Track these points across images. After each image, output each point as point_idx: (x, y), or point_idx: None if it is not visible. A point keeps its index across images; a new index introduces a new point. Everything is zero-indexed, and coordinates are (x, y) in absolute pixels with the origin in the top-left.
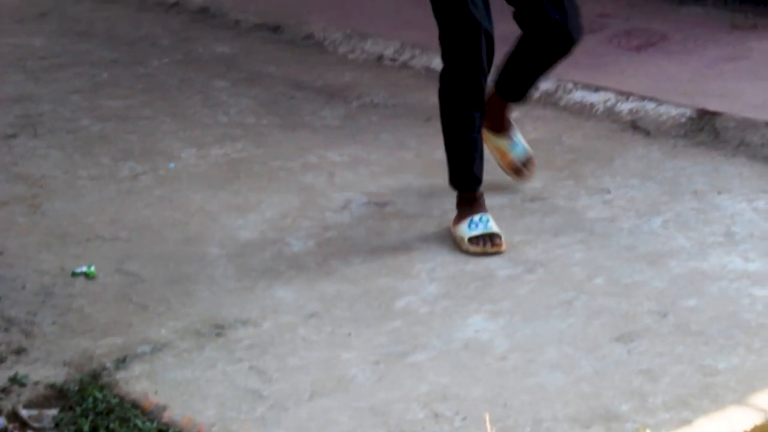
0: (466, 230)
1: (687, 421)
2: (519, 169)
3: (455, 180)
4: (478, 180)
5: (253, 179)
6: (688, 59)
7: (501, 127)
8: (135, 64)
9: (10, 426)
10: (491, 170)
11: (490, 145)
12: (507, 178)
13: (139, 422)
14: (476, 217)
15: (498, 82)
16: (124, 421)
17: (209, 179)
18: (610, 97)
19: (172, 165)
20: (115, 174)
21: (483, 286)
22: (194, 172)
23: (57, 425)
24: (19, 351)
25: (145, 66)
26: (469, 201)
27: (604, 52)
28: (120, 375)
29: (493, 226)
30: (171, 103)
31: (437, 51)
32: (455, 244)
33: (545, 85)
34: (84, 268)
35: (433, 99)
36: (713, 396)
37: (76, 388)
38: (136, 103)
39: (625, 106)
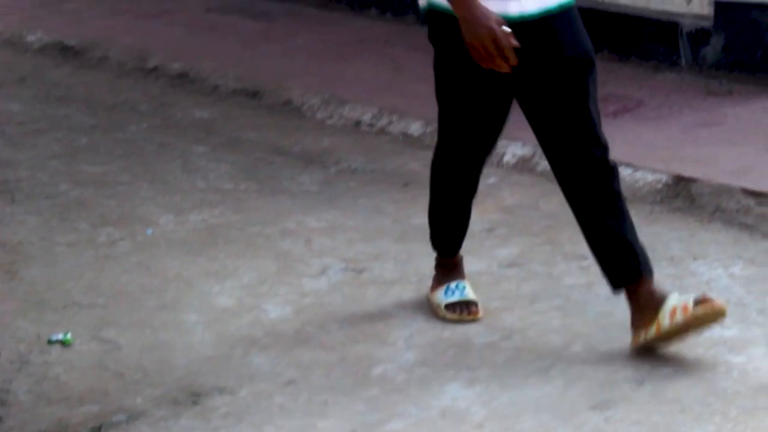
0: (443, 297)
1: None
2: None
3: (436, 244)
4: (459, 247)
5: (231, 245)
6: (664, 125)
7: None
8: (114, 129)
9: None
10: (468, 235)
11: None
12: (484, 243)
13: None
14: (453, 284)
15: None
16: None
17: (187, 245)
18: None
19: (149, 231)
20: (92, 240)
21: (460, 354)
22: (172, 238)
23: None
24: None
25: (123, 131)
26: (447, 266)
27: None
28: None
29: (470, 293)
30: (149, 168)
31: (414, 117)
32: (432, 310)
33: (522, 150)
34: (60, 336)
35: (411, 165)
36: None
37: None
38: (114, 168)
39: None
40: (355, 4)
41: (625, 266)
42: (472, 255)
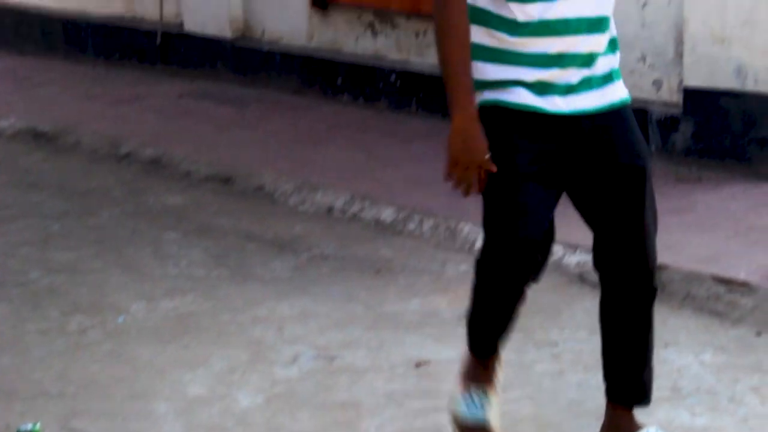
0: (462, 405)
1: None
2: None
3: (474, 345)
4: (496, 349)
5: (203, 333)
6: None
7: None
8: (86, 215)
9: None
10: (439, 323)
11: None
12: (456, 331)
13: None
14: (477, 393)
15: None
16: None
17: (158, 333)
18: (558, 249)
19: (121, 319)
20: (63, 328)
21: None
22: (143, 326)
23: None
24: None
25: (96, 217)
26: (481, 364)
27: None
28: None
29: (488, 414)
30: (121, 255)
31: (387, 203)
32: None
33: None
34: (29, 426)
35: (383, 251)
36: None
37: None
38: (86, 255)
39: (572, 259)
40: (327, 90)
41: (634, 388)
42: (442, 342)
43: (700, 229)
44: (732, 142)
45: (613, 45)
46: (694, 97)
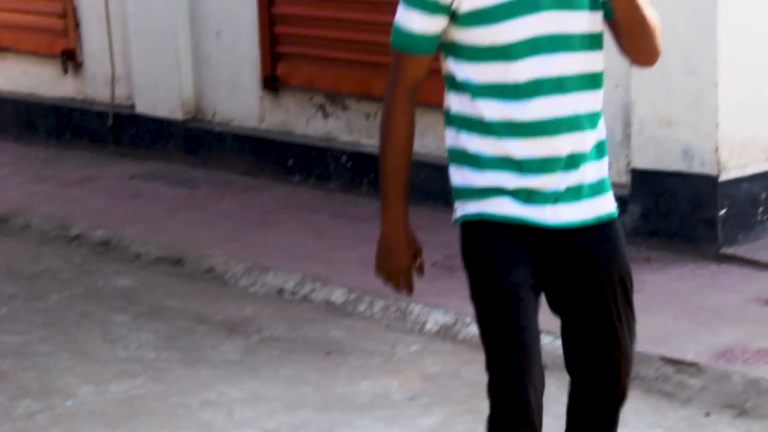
0: None
1: None
2: None
3: None
4: None
5: (152, 417)
6: None
7: None
8: (34, 298)
9: None
10: (389, 404)
11: None
12: (406, 413)
13: None
14: None
15: None
16: None
17: (106, 417)
18: None
19: (68, 403)
20: (10, 413)
21: None
22: (92, 409)
23: None
24: None
25: (44, 300)
26: None
27: None
28: None
29: None
30: (70, 338)
31: (337, 284)
32: None
33: (444, 318)
34: None
35: (334, 333)
36: None
37: None
38: (34, 338)
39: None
40: (279, 171)
41: None
42: (393, 424)
43: (648, 309)
44: (680, 223)
45: (600, 149)
46: (642, 179)
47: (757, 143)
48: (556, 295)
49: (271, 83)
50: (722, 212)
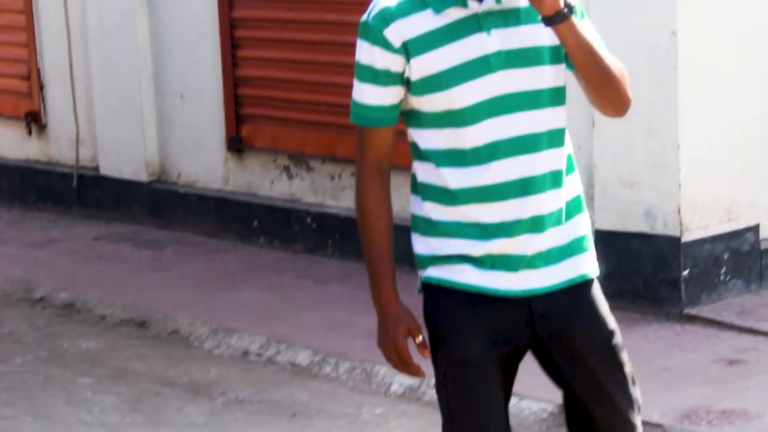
0: None
1: None
2: None
3: None
4: None
5: None
6: None
7: None
8: None
9: None
10: None
11: None
12: None
13: None
14: None
15: None
16: None
17: None
18: None
19: None
20: None
21: None
22: None
23: None
24: None
25: (8, 363)
26: None
27: None
28: None
29: None
30: (33, 402)
31: (302, 346)
32: None
33: (409, 380)
34: None
35: (299, 395)
36: None
37: None
38: None
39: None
40: (243, 233)
41: None
42: None
43: None
44: (643, 284)
45: (573, 207)
46: (606, 240)
47: (718, 204)
48: (543, 363)
49: (236, 144)
50: (685, 273)
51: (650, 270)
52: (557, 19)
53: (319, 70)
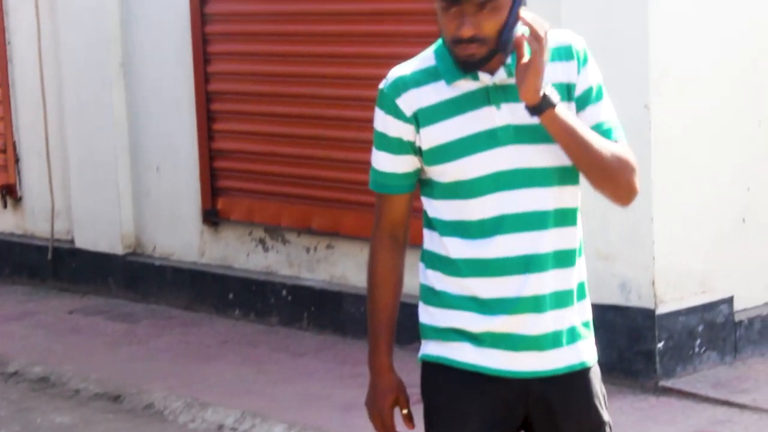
0: None
1: None
2: None
3: None
4: None
5: None
6: None
7: None
8: None
9: None
10: None
11: None
12: None
13: None
14: None
15: None
16: None
17: None
18: None
19: None
20: None
21: None
22: None
23: None
24: None
25: None
26: None
27: None
28: None
29: None
30: None
31: (277, 420)
32: None
33: None
34: None
35: None
36: None
37: None
38: None
39: None
40: (219, 305)
41: None
42: None
43: None
44: (618, 356)
45: (581, 290)
46: None
47: (692, 276)
48: None
49: (211, 217)
50: (660, 345)
51: (625, 342)
52: (538, 110)
53: (294, 143)
